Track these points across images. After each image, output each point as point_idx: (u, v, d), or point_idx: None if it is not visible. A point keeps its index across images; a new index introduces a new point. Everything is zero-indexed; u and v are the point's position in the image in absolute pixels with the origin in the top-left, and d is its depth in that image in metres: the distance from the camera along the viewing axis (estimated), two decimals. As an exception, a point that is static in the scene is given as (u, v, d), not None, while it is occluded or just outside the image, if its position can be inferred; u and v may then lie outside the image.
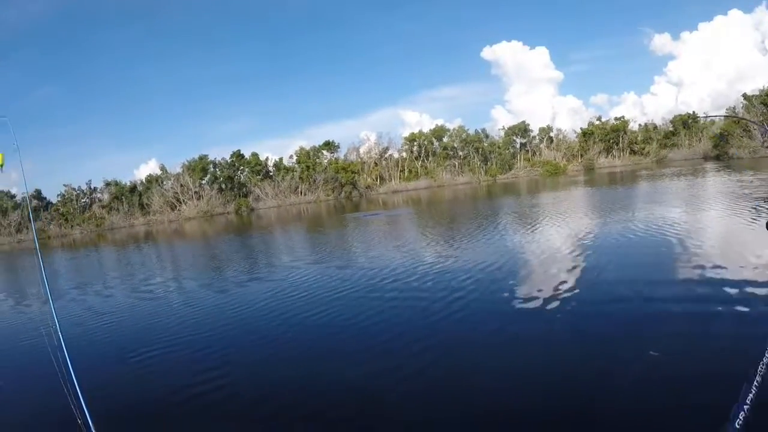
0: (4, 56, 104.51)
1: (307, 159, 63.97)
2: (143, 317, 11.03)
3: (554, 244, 13.66)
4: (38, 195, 67.36)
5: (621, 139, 75.05)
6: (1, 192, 67.57)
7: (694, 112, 76.50)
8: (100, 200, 65.17)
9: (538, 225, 18.14)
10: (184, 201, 61.07)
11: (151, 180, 63.25)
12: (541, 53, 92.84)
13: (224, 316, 10.09)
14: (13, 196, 67.30)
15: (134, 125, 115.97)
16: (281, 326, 8.84)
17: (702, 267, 9.00)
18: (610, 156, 74.72)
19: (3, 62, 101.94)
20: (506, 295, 8.90)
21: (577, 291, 8.59)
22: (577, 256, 11.54)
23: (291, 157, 66.81)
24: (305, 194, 62.40)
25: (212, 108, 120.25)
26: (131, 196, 62.72)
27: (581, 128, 76.25)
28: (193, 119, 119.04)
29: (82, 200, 65.88)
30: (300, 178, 63.10)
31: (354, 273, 12.77)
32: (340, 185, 62.16)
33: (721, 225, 13.83)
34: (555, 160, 70.56)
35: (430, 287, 10.17)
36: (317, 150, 65.38)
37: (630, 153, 74.99)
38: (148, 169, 66.22)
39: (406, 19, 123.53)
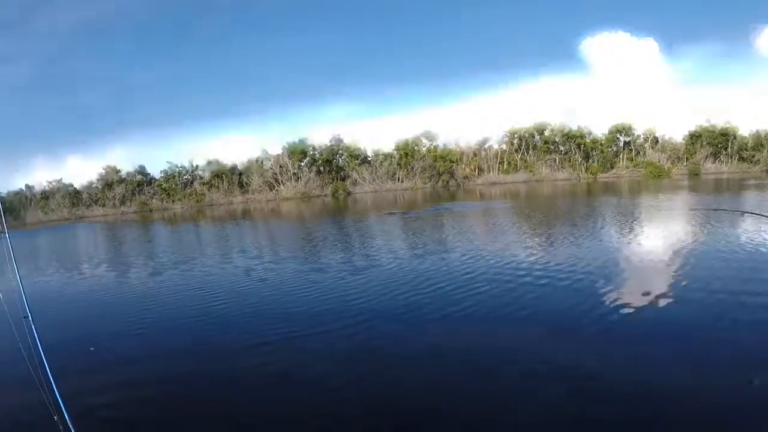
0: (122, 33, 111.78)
1: (406, 147, 63.28)
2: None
3: (658, 252, 13.08)
4: (142, 171, 70.20)
5: (730, 144, 70.39)
6: (108, 167, 71.25)
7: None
8: (201, 177, 67.09)
9: (637, 229, 17.65)
10: (282, 182, 61.76)
11: (252, 161, 64.42)
12: (650, 44, 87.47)
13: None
14: (118, 171, 70.72)
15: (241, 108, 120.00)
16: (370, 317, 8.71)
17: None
18: (717, 161, 70.07)
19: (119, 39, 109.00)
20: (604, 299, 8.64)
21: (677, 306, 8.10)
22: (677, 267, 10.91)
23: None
24: (402, 181, 61.65)
25: (315, 90, 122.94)
26: (231, 175, 64.11)
27: (689, 131, 72.16)
28: (295, 103, 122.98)
29: (184, 177, 68.10)
30: (398, 164, 62.45)
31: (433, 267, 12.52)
32: (437, 173, 60.97)
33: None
34: (659, 161, 66.85)
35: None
36: (417, 138, 64.60)
37: (739, 159, 70.05)
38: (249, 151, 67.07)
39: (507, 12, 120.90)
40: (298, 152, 62.25)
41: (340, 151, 64.15)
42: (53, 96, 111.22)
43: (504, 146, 66.32)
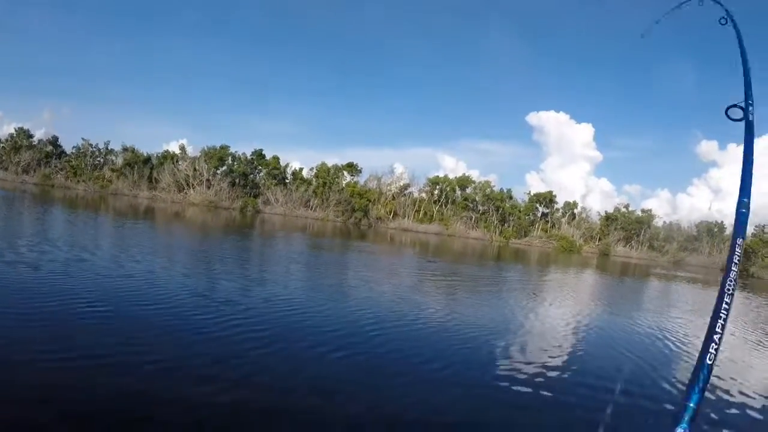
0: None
1: (327, 175, 62.52)
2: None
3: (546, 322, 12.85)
4: (54, 141, 66.70)
5: (643, 232, 73.27)
6: (20, 129, 67.35)
7: (722, 222, 74.65)
8: (113, 163, 64.25)
9: (536, 300, 16.99)
10: (192, 186, 59.77)
11: (167, 156, 62.10)
12: (586, 130, 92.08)
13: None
14: (30, 136, 66.94)
15: (176, 101, 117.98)
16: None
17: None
18: (628, 246, 72.81)
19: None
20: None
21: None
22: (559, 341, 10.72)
23: (311, 169, 65.56)
24: (315, 209, 60.81)
25: (261, 104, 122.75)
26: (143, 167, 61.58)
27: (606, 211, 74.75)
28: (235, 110, 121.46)
29: (96, 158, 65.08)
30: (314, 192, 61.57)
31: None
32: (351, 209, 60.47)
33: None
34: (573, 236, 68.68)
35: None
36: (338, 169, 63.93)
37: (649, 248, 73.09)
38: (176, 146, 64.88)
39: (467, 65, 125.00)
40: (216, 159, 60.48)
41: (259, 167, 62.76)
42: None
43: (424, 195, 66.63)
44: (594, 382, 7.70)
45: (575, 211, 72.21)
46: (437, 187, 66.97)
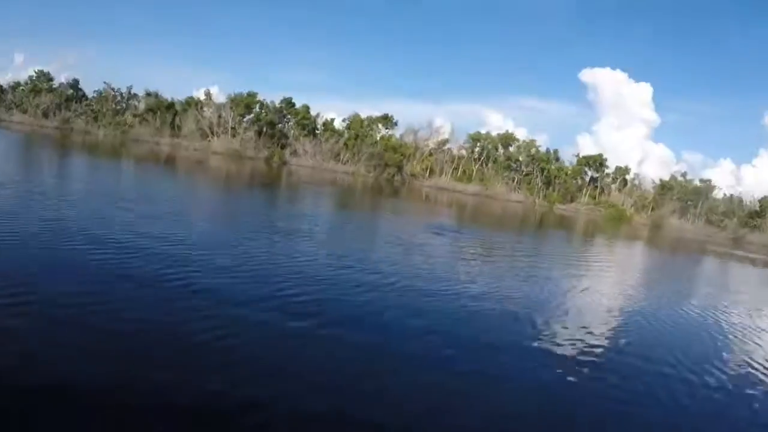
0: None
1: (360, 127, 58.01)
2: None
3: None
4: (75, 85, 63.89)
5: (701, 203, 67.07)
6: (41, 71, 64.65)
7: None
8: (135, 107, 61.17)
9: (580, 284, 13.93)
10: (217, 134, 56.18)
11: (191, 103, 58.53)
12: (644, 90, 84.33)
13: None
14: (50, 79, 64.24)
15: (208, 45, 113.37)
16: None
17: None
18: (683, 218, 66.81)
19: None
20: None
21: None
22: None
23: (343, 120, 61.07)
24: (345, 163, 56.65)
25: (296, 51, 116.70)
26: (166, 113, 58.25)
27: (660, 179, 68.57)
28: (269, 56, 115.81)
29: (119, 103, 62.05)
30: (345, 144, 57.26)
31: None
32: (385, 164, 55.99)
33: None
34: (623, 205, 63.14)
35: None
36: (372, 121, 59.26)
37: (706, 221, 66.95)
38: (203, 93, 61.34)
39: (516, 14, 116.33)
40: (243, 106, 56.58)
41: (288, 116, 58.61)
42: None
43: (464, 152, 61.61)
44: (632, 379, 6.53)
45: (627, 177, 66.19)
46: (478, 144, 61.87)
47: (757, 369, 7.85)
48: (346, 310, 7.37)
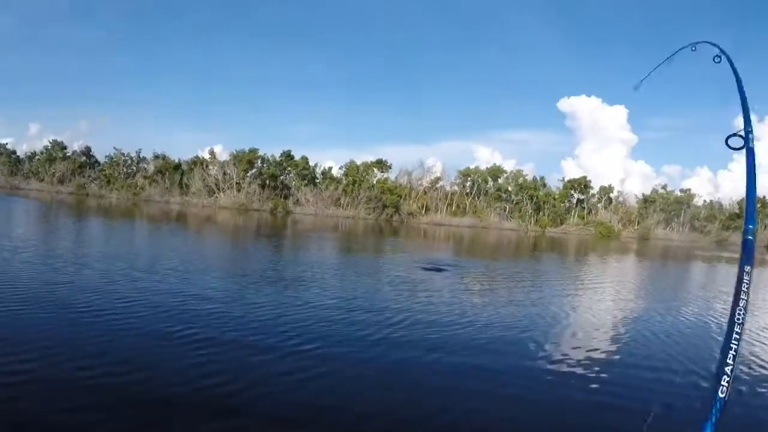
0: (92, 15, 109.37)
1: (356, 173, 61.80)
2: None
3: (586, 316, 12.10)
4: (87, 152, 67.83)
5: (683, 212, 70.62)
6: (55, 141, 68.64)
7: (764, 196, 70.94)
8: (145, 170, 64.99)
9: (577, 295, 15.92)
10: (223, 189, 59.94)
11: (197, 162, 62.41)
12: (619, 112, 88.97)
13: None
14: (64, 148, 68.18)
15: (210, 109, 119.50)
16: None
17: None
18: (668, 228, 70.31)
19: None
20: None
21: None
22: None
23: (340, 168, 65.01)
24: (346, 208, 60.28)
25: (289, 105, 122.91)
26: (174, 174, 62.10)
27: (643, 194, 72.21)
28: (268, 114, 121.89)
29: (129, 166, 65.92)
30: (344, 190, 61.00)
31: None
32: (382, 206, 59.70)
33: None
34: (610, 222, 66.56)
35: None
36: (368, 166, 63.09)
37: (690, 228, 70.49)
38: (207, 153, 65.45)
39: (496, 49, 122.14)
40: (245, 161, 60.41)
41: (288, 168, 62.47)
42: (31, 54, 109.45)
43: (456, 187, 65.32)
44: (636, 376, 7.30)
45: (611, 195, 69.85)
46: (469, 179, 65.56)
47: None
48: (358, 350, 7.49)
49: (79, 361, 6.02)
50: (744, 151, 2.30)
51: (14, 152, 71.67)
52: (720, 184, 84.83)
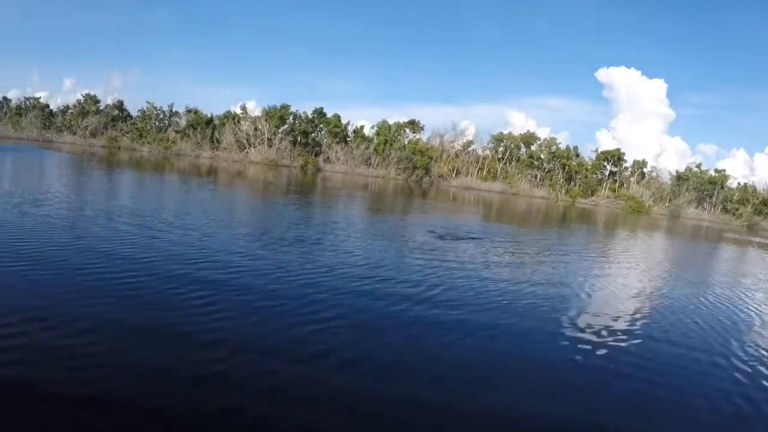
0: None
1: (388, 133, 61.33)
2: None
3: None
4: (120, 106, 68.22)
5: (716, 193, 69.01)
6: (87, 95, 69.13)
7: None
8: (177, 124, 65.24)
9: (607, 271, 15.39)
10: (254, 145, 59.92)
11: (228, 117, 62.41)
12: (658, 86, 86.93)
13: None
14: (97, 101, 68.65)
15: (243, 65, 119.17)
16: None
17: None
18: (700, 207, 68.77)
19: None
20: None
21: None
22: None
23: (372, 127, 64.55)
24: (376, 167, 59.94)
25: (325, 63, 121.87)
26: (206, 128, 62.21)
27: (677, 171, 70.67)
28: (303, 69, 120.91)
29: (161, 120, 66.21)
30: (375, 150, 60.62)
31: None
32: (413, 167, 59.24)
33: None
34: (642, 197, 65.33)
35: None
36: (400, 126, 62.58)
37: (722, 210, 68.82)
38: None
39: (534, 17, 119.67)
40: (277, 117, 60.24)
41: (320, 125, 62.22)
42: (67, 10, 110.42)
43: (488, 152, 64.56)
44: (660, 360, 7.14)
45: (645, 170, 68.41)
46: (501, 144, 64.66)
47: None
48: (390, 315, 7.52)
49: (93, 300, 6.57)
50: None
51: (47, 106, 72.40)
52: (756, 166, 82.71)
